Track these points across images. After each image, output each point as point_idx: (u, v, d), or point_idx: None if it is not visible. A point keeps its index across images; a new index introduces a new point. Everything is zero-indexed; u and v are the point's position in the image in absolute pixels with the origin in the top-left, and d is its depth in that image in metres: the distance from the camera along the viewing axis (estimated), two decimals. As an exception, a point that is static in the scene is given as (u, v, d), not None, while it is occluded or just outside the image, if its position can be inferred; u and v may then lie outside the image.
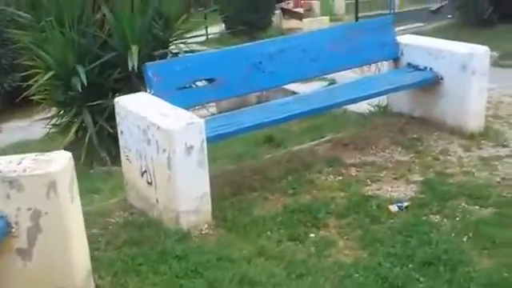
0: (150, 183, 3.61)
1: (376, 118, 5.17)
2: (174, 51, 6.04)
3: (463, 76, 4.37)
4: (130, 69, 5.33)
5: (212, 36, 24.98)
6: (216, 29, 24.84)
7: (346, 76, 5.46)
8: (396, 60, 4.78)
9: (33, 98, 6.06)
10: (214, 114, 7.95)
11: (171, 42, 6.05)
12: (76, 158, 2.77)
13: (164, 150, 3.32)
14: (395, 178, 3.99)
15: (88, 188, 4.51)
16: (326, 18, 21.95)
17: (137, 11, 5.61)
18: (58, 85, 5.78)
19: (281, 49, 4.23)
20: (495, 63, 8.09)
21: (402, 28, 15.76)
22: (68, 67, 5.58)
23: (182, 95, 3.92)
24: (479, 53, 4.38)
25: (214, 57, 4.15)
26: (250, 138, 5.47)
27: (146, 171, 3.62)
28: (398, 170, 4.09)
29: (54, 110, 6.30)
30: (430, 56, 4.54)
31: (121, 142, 3.87)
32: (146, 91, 3.90)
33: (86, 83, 5.39)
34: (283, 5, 24.71)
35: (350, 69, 4.82)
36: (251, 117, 3.90)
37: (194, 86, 4.00)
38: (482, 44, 4.63)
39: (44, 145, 6.31)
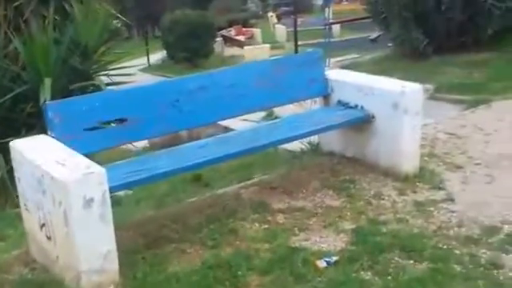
0: (49, 238, 3.19)
1: (307, 157, 4.89)
2: (96, 83, 5.62)
3: (395, 114, 4.13)
4: (42, 103, 4.88)
5: (154, 63, 24.70)
6: (158, 56, 24.55)
7: (284, 107, 5.18)
8: (326, 97, 4.51)
9: None
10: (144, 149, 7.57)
11: (92, 74, 5.62)
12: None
13: (60, 203, 2.91)
14: (325, 227, 3.68)
15: (-5, 234, 4.07)
16: (267, 46, 21.94)
17: (51, 42, 5.18)
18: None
19: (202, 85, 3.90)
20: (431, 96, 7.99)
21: (338, 59, 15.78)
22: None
23: (89, 138, 3.51)
24: (411, 90, 4.15)
25: (125, 94, 3.75)
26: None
27: (44, 224, 3.20)
28: (328, 217, 3.79)
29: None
30: (360, 93, 4.29)
31: (19, 190, 3.45)
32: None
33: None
34: (225, 32, 24.65)
35: (276, 106, 4.53)
36: (167, 162, 3.53)
37: (102, 127, 3.60)
38: (418, 76, 4.44)
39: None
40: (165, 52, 23.70)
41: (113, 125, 3.66)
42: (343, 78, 4.51)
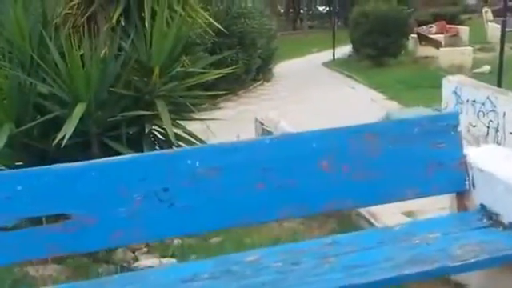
0: None
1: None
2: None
3: None
4: (59, 137, 3.59)
5: (340, 57, 23.09)
6: (346, 50, 22.88)
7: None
8: (461, 196, 2.52)
9: None
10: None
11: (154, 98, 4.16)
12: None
13: None
14: None
15: None
16: (469, 49, 18.89)
17: (98, 57, 3.85)
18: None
19: (221, 164, 2.22)
20: None
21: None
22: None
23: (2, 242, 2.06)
24: None
25: (67, 172, 2.20)
26: None
27: None
28: None
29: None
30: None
31: None
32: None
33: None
34: (422, 29, 22.01)
35: (360, 207, 2.66)
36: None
37: (24, 226, 2.13)
38: None
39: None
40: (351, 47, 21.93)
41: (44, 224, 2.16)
42: (496, 164, 2.46)
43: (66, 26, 4.21)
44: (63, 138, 3.66)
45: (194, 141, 4.34)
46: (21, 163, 4.20)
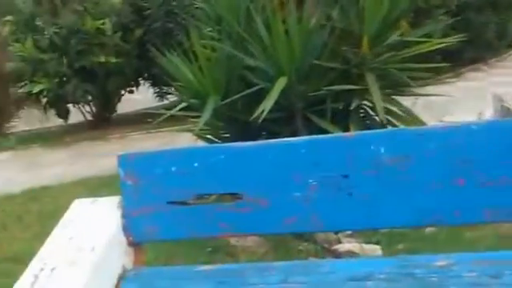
0: None
1: None
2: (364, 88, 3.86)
3: None
4: (256, 114, 3.52)
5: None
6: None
7: None
8: None
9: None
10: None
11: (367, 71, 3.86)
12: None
13: None
14: None
15: None
16: None
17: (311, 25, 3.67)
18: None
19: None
20: None
21: None
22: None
23: (174, 217, 2.03)
24: None
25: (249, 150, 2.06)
26: None
27: None
28: None
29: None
30: None
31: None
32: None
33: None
34: None
35: None
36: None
37: (199, 203, 2.06)
38: None
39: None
40: None
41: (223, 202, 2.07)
42: None
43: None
44: (262, 112, 3.60)
45: (410, 120, 3.96)
46: (228, 135, 4.29)
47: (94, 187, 5.55)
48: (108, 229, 1.87)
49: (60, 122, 10.70)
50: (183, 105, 4.20)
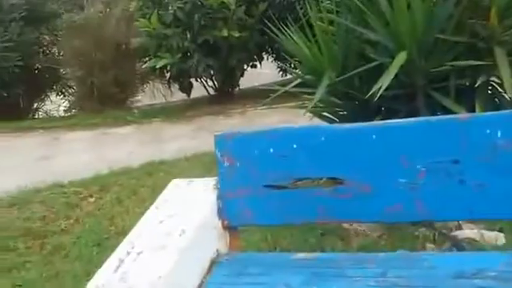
0: None
1: None
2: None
3: None
4: (372, 91, 3.32)
5: None
6: None
7: None
8: None
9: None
10: None
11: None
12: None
13: None
14: None
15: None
16: None
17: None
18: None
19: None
20: None
21: None
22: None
23: (270, 201, 1.95)
24: None
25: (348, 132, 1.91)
26: None
27: None
28: None
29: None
30: None
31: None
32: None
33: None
34: None
35: None
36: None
37: (298, 186, 1.96)
38: None
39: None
40: None
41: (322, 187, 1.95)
42: None
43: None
44: (380, 88, 3.40)
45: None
46: (345, 112, 4.11)
47: (210, 163, 5.63)
48: (202, 211, 1.81)
49: (183, 96, 10.99)
50: (298, 81, 4.08)
